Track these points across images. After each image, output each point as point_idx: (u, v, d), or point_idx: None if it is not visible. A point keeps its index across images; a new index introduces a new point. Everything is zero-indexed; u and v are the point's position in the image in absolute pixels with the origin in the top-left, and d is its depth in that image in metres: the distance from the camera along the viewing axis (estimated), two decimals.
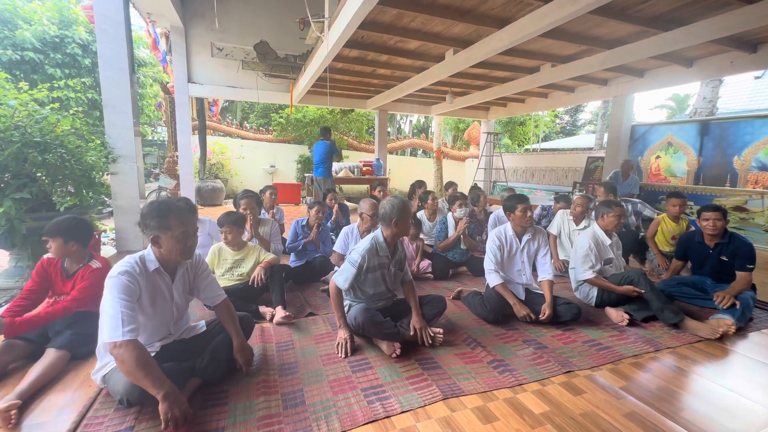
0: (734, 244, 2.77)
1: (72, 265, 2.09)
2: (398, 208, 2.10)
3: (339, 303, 2.14)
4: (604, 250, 2.83)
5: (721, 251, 2.82)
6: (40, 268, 2.04)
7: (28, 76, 7.32)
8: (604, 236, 2.86)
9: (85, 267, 2.08)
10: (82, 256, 2.10)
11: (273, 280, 2.62)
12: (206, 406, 1.60)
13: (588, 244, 2.78)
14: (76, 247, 2.05)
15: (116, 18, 3.91)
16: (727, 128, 5.76)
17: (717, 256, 2.84)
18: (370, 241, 2.14)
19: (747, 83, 14.47)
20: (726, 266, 2.81)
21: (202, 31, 6.90)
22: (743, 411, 1.67)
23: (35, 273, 2.03)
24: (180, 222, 1.57)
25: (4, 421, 1.45)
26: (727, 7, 3.39)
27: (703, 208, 2.88)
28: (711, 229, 2.80)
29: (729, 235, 2.82)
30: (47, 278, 2.05)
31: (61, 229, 2.00)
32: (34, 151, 2.97)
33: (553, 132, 20.63)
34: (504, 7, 3.51)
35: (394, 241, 2.20)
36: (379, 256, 2.15)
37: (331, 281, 2.15)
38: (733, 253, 2.76)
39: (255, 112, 15.81)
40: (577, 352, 2.15)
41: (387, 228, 2.14)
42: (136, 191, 4.20)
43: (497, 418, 1.57)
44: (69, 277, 2.07)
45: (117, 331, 1.38)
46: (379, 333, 2.06)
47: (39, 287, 2.03)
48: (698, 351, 2.20)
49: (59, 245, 2.00)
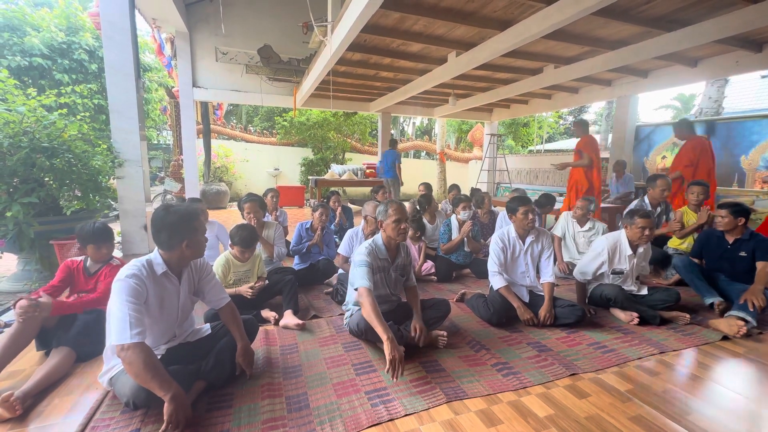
0: (754, 240, 2.81)
1: (94, 264, 2.23)
2: (381, 211, 2.14)
3: (376, 310, 1.88)
4: (619, 259, 2.68)
5: (740, 247, 2.85)
6: (66, 268, 2.18)
7: (36, 82, 7.44)
8: (626, 246, 2.65)
9: (107, 265, 2.23)
10: (109, 256, 2.29)
11: (285, 286, 2.61)
12: (211, 408, 1.61)
13: (603, 247, 2.67)
14: (107, 249, 2.25)
15: (122, 24, 3.97)
16: (733, 128, 5.71)
17: (735, 252, 2.86)
18: (370, 244, 2.15)
19: (753, 82, 14.33)
20: (743, 262, 2.81)
21: (207, 36, 6.97)
22: (750, 414, 1.65)
23: (60, 272, 2.16)
24: (201, 224, 1.66)
25: (9, 410, 1.50)
26: (732, 7, 3.36)
27: (719, 205, 2.96)
28: (720, 225, 2.88)
29: (750, 233, 2.86)
30: (71, 278, 2.19)
31: (96, 235, 2.19)
32: (42, 156, 3.02)
33: (557, 133, 20.53)
34: (506, 9, 3.52)
35: (391, 244, 2.19)
36: (379, 259, 2.15)
37: (357, 294, 2.00)
38: (753, 248, 2.78)
39: (259, 116, 15.91)
40: (581, 354, 2.13)
41: (383, 231, 2.17)
42: (141, 195, 4.24)
43: (501, 422, 1.56)
44: (91, 275, 2.20)
45: (125, 334, 1.39)
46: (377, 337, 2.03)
47: (61, 285, 2.15)
48: (705, 353, 2.18)
49: (94, 249, 2.19)
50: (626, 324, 2.56)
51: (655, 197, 3.71)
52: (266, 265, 3.02)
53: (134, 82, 4.09)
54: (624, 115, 6.66)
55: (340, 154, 12.02)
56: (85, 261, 2.23)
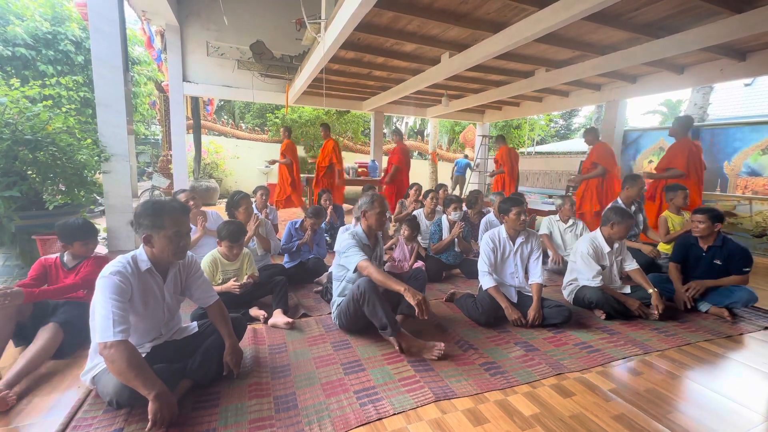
0: (728, 248, 2.79)
1: (73, 259, 2.19)
2: (365, 201, 2.33)
3: (384, 272, 2.12)
4: (600, 257, 2.82)
5: (714, 255, 2.84)
6: (40, 266, 2.12)
7: (20, 73, 7.23)
8: (604, 243, 2.82)
9: (87, 259, 2.22)
10: (94, 251, 2.28)
11: (276, 286, 2.58)
12: (197, 407, 1.59)
13: (587, 250, 2.79)
14: (93, 244, 2.25)
15: (110, 16, 3.88)
16: (717, 134, 5.85)
17: (710, 260, 2.85)
18: (351, 232, 2.31)
19: (737, 90, 14.72)
20: (718, 271, 2.82)
21: (198, 29, 6.86)
22: (730, 414, 1.70)
23: (33, 270, 2.11)
24: (173, 222, 1.57)
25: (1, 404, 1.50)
26: (717, 16, 3.45)
27: (694, 210, 2.94)
28: (695, 231, 2.88)
29: (722, 238, 2.84)
30: (45, 276, 2.13)
31: (84, 231, 2.17)
32: (25, 149, 2.94)
33: (548, 135, 20.79)
34: (499, 12, 3.54)
35: (371, 233, 2.37)
36: (362, 245, 2.27)
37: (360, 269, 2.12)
38: (727, 257, 2.78)
39: (251, 112, 15.74)
40: (567, 354, 2.17)
41: (364, 220, 2.35)
42: (128, 190, 4.16)
43: (488, 420, 1.58)
44: (70, 269, 2.17)
45: (108, 332, 1.37)
46: (377, 308, 2.04)
47: (34, 283, 2.08)
48: (687, 354, 2.24)
49: (81, 245, 2.17)
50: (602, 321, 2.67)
51: (630, 197, 3.75)
52: (257, 262, 2.99)
53: (122, 75, 4.00)
54: (612, 120, 6.77)
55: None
56: (62, 257, 2.19)
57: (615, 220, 2.75)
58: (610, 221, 2.77)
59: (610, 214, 2.79)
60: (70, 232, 2.14)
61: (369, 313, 2.08)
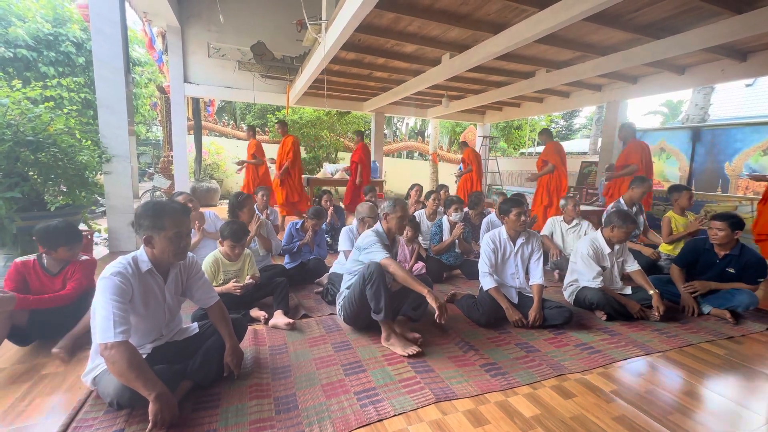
0: (745, 258, 2.70)
1: (56, 264, 2.09)
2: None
3: (406, 270, 2.15)
4: (601, 258, 2.82)
5: (729, 263, 2.75)
6: (16, 273, 1.99)
7: (21, 74, 7.26)
8: (604, 245, 2.80)
9: (72, 263, 2.13)
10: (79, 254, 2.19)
11: (277, 287, 2.58)
12: (197, 408, 1.59)
13: (587, 251, 2.78)
14: (78, 248, 2.15)
15: (112, 17, 3.89)
16: (718, 135, 5.85)
17: (723, 267, 2.77)
18: (374, 230, 2.35)
19: (738, 91, 14.71)
20: (729, 279, 2.74)
21: (199, 31, 6.88)
22: (731, 415, 1.70)
23: (11, 280, 1.97)
24: (174, 223, 1.57)
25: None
26: (718, 16, 3.45)
27: (713, 216, 2.78)
28: (714, 238, 2.76)
29: (740, 247, 2.73)
30: (23, 281, 2.00)
31: (69, 235, 2.07)
32: (27, 150, 2.95)
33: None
34: (499, 12, 3.55)
35: (390, 234, 2.39)
36: (384, 244, 2.29)
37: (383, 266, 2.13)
38: (743, 266, 2.69)
39: (252, 113, 15.77)
40: (568, 355, 2.16)
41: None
42: (129, 191, 4.17)
43: (488, 422, 1.58)
44: (55, 275, 2.08)
45: (108, 333, 1.37)
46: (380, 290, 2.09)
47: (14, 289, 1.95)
48: (688, 355, 2.23)
49: (66, 250, 2.07)
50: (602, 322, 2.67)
51: (633, 197, 3.78)
52: (258, 262, 3.00)
53: (123, 77, 4.02)
54: (613, 120, 6.76)
55: (332, 153, 11.98)
56: (40, 260, 2.06)
57: (616, 224, 2.72)
58: (611, 224, 2.75)
59: (612, 217, 2.76)
60: (53, 238, 2.01)
61: (371, 293, 2.11)
